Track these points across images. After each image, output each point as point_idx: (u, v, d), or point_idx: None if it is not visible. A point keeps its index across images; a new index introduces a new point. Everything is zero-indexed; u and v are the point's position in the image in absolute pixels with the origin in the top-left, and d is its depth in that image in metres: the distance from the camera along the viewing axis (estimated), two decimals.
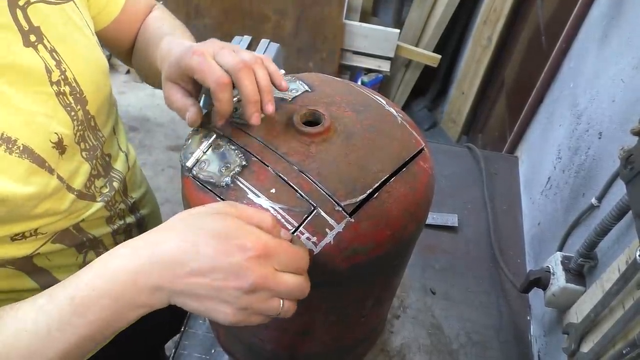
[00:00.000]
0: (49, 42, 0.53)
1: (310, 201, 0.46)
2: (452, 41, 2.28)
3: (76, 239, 0.65)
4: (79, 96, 0.58)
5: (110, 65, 0.68)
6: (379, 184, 0.48)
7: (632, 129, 0.53)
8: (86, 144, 0.61)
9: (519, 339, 0.83)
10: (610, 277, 0.58)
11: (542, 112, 1.12)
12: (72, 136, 0.58)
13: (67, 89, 0.56)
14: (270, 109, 0.50)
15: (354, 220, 0.45)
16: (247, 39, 0.71)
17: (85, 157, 0.61)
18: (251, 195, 0.46)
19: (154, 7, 0.76)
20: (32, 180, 0.52)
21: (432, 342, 0.81)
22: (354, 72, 2.27)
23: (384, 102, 0.58)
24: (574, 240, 0.78)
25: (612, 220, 0.60)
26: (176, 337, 0.79)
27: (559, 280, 0.69)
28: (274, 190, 0.46)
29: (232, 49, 0.50)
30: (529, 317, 0.86)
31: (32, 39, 0.52)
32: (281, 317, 0.41)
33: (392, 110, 0.56)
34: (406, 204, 0.48)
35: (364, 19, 2.20)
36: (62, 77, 0.55)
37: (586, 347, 0.59)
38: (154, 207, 0.87)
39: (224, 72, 0.48)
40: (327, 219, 0.45)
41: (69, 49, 0.56)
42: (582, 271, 0.69)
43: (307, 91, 0.57)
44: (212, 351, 0.76)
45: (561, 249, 0.80)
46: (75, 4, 0.59)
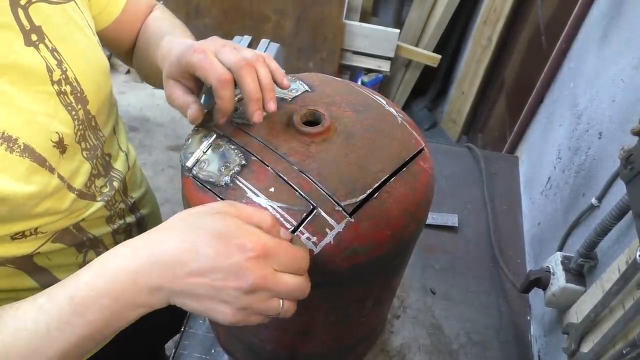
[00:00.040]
0: (50, 41, 0.54)
1: (310, 201, 0.46)
2: (452, 41, 2.28)
3: (76, 238, 0.65)
4: (79, 96, 0.58)
5: (110, 65, 0.68)
6: (379, 184, 0.48)
7: (632, 129, 0.53)
8: (87, 143, 0.61)
9: (519, 339, 0.83)
10: (610, 277, 0.58)
11: (542, 112, 1.12)
12: (73, 136, 0.58)
13: (68, 89, 0.56)
14: (272, 106, 0.50)
15: (354, 220, 0.45)
16: (247, 38, 0.71)
17: (85, 156, 0.61)
18: (250, 194, 0.46)
19: (154, 7, 0.76)
20: (32, 179, 0.52)
21: (432, 342, 0.81)
22: (354, 72, 2.27)
23: (384, 102, 0.58)
24: (574, 240, 0.78)
25: (612, 220, 0.60)
26: (176, 337, 0.79)
27: (559, 280, 0.69)
28: (273, 189, 0.46)
29: (234, 46, 0.50)
30: (529, 317, 0.86)
31: (34, 38, 0.52)
32: (281, 317, 0.41)
33: (392, 110, 0.56)
34: (406, 204, 0.48)
35: (364, 19, 2.20)
36: (63, 76, 0.55)
37: (586, 347, 0.59)
38: (154, 207, 0.87)
39: (226, 69, 0.48)
40: (327, 219, 0.45)
41: (70, 48, 0.56)
42: (582, 271, 0.69)
43: (307, 91, 0.57)
44: (212, 351, 0.76)
45: (561, 249, 0.80)
46: (76, 4, 0.59)
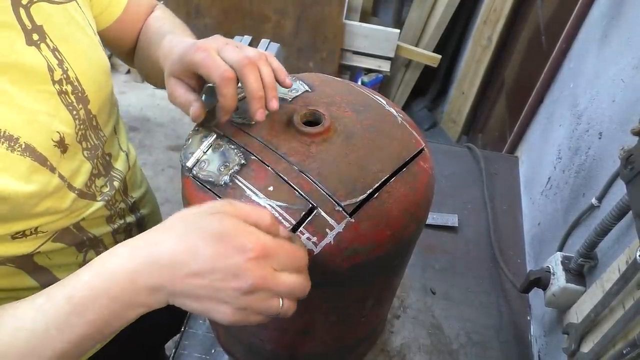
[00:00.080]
0: (51, 41, 0.54)
1: (310, 201, 0.46)
2: (452, 41, 2.28)
3: (76, 238, 0.65)
4: (80, 95, 0.58)
5: (110, 65, 0.68)
6: (379, 184, 0.48)
7: (632, 129, 0.53)
8: (87, 143, 0.61)
9: (519, 339, 0.83)
10: (610, 277, 0.58)
11: (542, 112, 1.12)
12: (74, 135, 0.58)
13: (69, 88, 0.56)
14: (274, 105, 0.50)
15: (354, 220, 0.45)
16: (247, 38, 0.71)
17: (86, 156, 0.61)
18: (249, 193, 0.46)
19: (155, 7, 0.76)
20: (33, 178, 0.52)
21: (432, 342, 0.81)
22: (354, 72, 2.27)
23: (384, 102, 0.58)
24: (574, 240, 0.78)
25: (612, 220, 0.60)
26: (176, 337, 0.79)
27: (559, 280, 0.69)
28: (272, 188, 0.46)
29: (236, 45, 0.50)
30: (529, 317, 0.86)
31: (35, 37, 0.52)
32: (281, 316, 0.41)
33: (392, 110, 0.56)
34: (406, 204, 0.48)
35: (364, 19, 2.20)
36: (64, 76, 0.55)
37: (586, 347, 0.59)
38: (154, 206, 0.87)
39: (229, 67, 0.48)
40: (327, 219, 0.45)
41: (71, 48, 0.56)
42: (582, 271, 0.69)
43: (307, 91, 0.57)
44: (212, 351, 0.76)
45: (561, 249, 0.80)
46: (77, 4, 0.59)
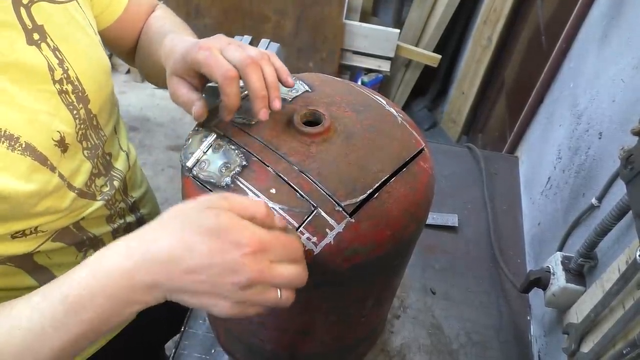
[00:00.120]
0: (52, 40, 0.54)
1: (310, 201, 0.46)
2: (452, 41, 2.28)
3: (76, 237, 0.65)
4: (81, 95, 0.58)
5: (110, 64, 0.68)
6: (379, 184, 0.48)
7: (632, 129, 0.53)
8: (88, 142, 0.61)
9: (519, 339, 0.83)
10: (610, 277, 0.58)
11: (542, 112, 1.12)
12: (74, 134, 0.58)
13: (70, 88, 0.56)
14: (277, 105, 0.50)
15: (354, 220, 0.45)
16: (247, 39, 0.71)
17: (86, 155, 0.61)
18: (251, 195, 0.46)
19: (156, 6, 0.76)
20: (33, 177, 0.52)
21: (432, 342, 0.81)
22: (354, 72, 2.27)
23: (384, 102, 0.58)
24: (574, 240, 0.78)
25: (612, 220, 0.60)
26: (176, 337, 0.79)
27: (559, 280, 0.69)
28: (274, 190, 0.46)
29: (239, 45, 0.50)
30: (529, 317, 0.86)
31: (36, 37, 0.52)
32: (281, 307, 0.41)
33: (392, 110, 0.56)
34: (406, 204, 0.48)
35: (364, 19, 2.20)
36: (65, 75, 0.55)
37: (586, 347, 0.59)
38: (154, 206, 0.87)
39: (232, 66, 0.48)
40: (327, 219, 0.45)
41: (72, 47, 0.56)
42: (582, 271, 0.69)
43: (307, 91, 0.57)
44: (212, 351, 0.76)
45: (561, 249, 0.80)
46: (78, 3, 0.59)
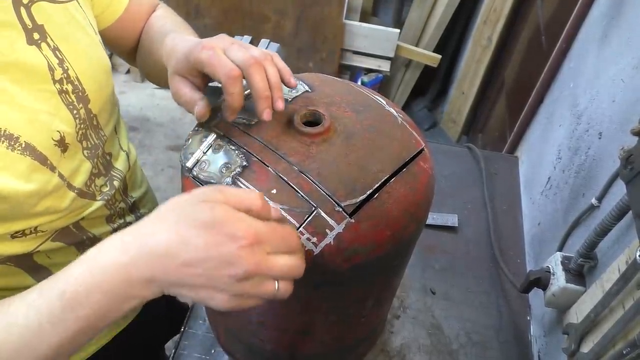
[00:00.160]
0: (52, 40, 0.54)
1: (310, 201, 0.46)
2: (452, 41, 2.28)
3: (76, 237, 0.65)
4: (81, 95, 0.58)
5: (110, 64, 0.68)
6: (379, 184, 0.48)
7: (632, 129, 0.53)
8: (88, 142, 0.61)
9: (519, 339, 0.83)
10: (610, 277, 0.58)
11: (542, 112, 1.12)
12: (74, 134, 0.58)
13: (70, 87, 0.56)
14: (280, 105, 0.50)
15: (354, 220, 0.45)
16: (247, 39, 0.71)
17: (86, 155, 0.61)
18: None
19: (157, 6, 0.76)
20: (33, 177, 0.52)
21: (432, 342, 0.81)
22: (354, 72, 2.27)
23: (384, 102, 0.58)
24: (574, 240, 0.78)
25: (612, 220, 0.60)
26: (176, 337, 0.79)
27: (559, 280, 0.69)
28: (274, 190, 0.46)
29: (242, 45, 0.50)
30: (529, 317, 0.86)
31: (36, 37, 0.52)
32: (279, 299, 0.41)
33: (392, 110, 0.56)
34: (406, 204, 0.48)
35: (364, 19, 2.20)
36: (65, 75, 0.55)
37: (586, 348, 0.59)
38: (154, 206, 0.87)
39: (235, 65, 0.48)
40: (327, 219, 0.45)
41: (72, 47, 0.56)
42: (582, 271, 0.69)
43: (307, 91, 0.57)
44: (212, 351, 0.76)
45: (561, 249, 0.80)
46: (78, 3, 0.59)
